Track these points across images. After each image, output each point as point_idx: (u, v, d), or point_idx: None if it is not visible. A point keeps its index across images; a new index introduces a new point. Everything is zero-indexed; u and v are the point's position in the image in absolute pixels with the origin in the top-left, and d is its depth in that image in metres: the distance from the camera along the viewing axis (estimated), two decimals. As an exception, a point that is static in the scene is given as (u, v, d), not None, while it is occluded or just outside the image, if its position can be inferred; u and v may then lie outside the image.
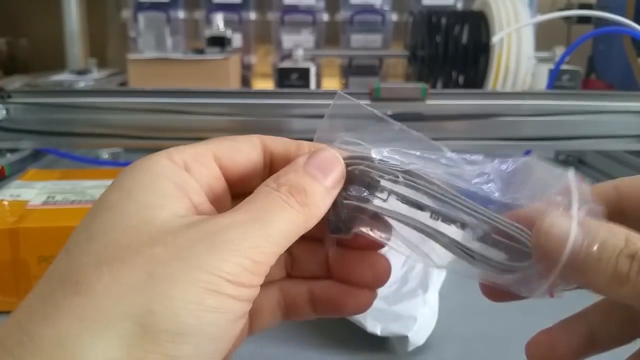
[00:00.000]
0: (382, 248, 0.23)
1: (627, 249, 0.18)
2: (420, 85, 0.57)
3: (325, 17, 1.30)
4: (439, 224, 0.20)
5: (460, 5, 1.28)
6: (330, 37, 1.32)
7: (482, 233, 0.20)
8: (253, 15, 1.30)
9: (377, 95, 0.57)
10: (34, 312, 0.16)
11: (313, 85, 1.08)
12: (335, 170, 0.20)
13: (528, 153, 0.67)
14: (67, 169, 0.54)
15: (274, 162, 0.22)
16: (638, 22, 0.62)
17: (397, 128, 0.22)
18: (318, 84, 1.25)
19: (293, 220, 0.19)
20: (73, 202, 0.42)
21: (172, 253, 0.16)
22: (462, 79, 1.08)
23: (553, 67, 0.89)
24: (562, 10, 1.13)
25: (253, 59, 1.32)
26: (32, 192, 0.44)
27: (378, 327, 0.35)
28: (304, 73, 1.05)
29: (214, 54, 1.05)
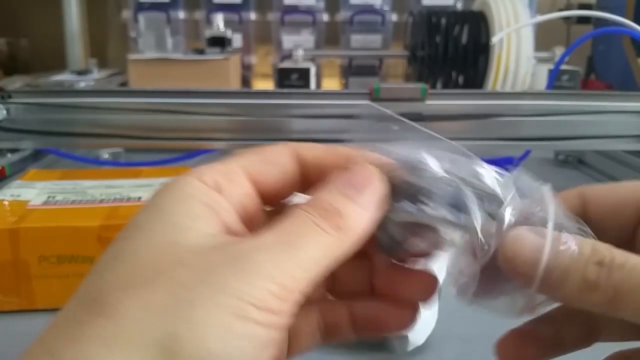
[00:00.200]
0: (427, 256, 0.22)
1: (594, 257, 0.18)
2: (420, 86, 0.57)
3: (325, 17, 1.30)
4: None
5: (460, 6, 1.28)
6: (330, 37, 1.32)
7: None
8: (253, 16, 1.30)
9: (376, 96, 0.57)
10: (60, 332, 0.16)
11: (313, 86, 1.08)
12: (374, 188, 0.19)
13: (528, 153, 0.67)
14: (67, 169, 0.54)
15: (309, 171, 0.21)
16: (637, 22, 0.62)
17: (427, 136, 0.21)
18: (318, 84, 1.25)
19: (326, 245, 0.17)
20: (73, 202, 0.42)
21: (197, 276, 0.16)
22: (461, 79, 1.08)
23: (553, 67, 0.89)
24: (561, 11, 1.13)
25: (253, 59, 1.32)
26: (32, 192, 0.44)
27: (378, 326, 0.35)
28: (304, 73, 1.05)
29: (214, 54, 1.05)
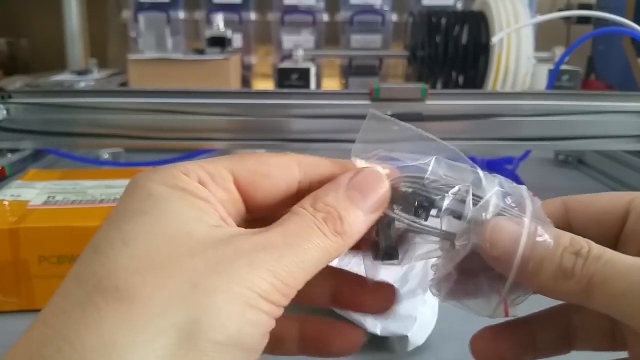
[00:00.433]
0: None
1: (571, 247, 0.19)
2: (420, 86, 0.57)
3: (325, 17, 1.30)
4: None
5: (460, 6, 1.28)
6: (330, 37, 1.32)
7: None
8: (253, 16, 1.30)
9: (376, 96, 0.57)
10: (72, 317, 0.15)
11: (313, 86, 1.08)
12: (378, 193, 0.20)
13: (528, 153, 0.67)
14: (67, 169, 0.54)
15: (312, 188, 0.20)
16: (637, 22, 0.62)
17: (431, 141, 0.22)
18: (318, 84, 1.25)
19: (326, 249, 0.18)
20: (73, 202, 0.42)
21: (212, 266, 0.16)
22: (461, 79, 1.08)
23: (552, 67, 0.89)
24: (561, 11, 1.13)
25: (253, 59, 1.32)
26: (32, 192, 0.44)
27: (378, 326, 0.35)
28: (304, 73, 1.05)
29: (214, 54, 1.05)
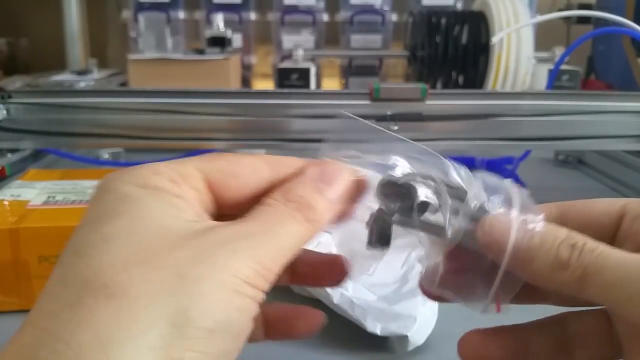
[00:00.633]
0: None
1: (568, 240, 0.19)
2: (420, 86, 0.57)
3: (325, 17, 1.30)
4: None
5: (460, 6, 1.28)
6: (330, 37, 1.32)
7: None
8: (253, 16, 1.30)
9: (376, 96, 0.57)
10: (63, 318, 0.16)
11: (313, 86, 1.08)
12: (342, 183, 0.21)
13: (528, 153, 0.67)
14: (67, 169, 0.54)
15: (278, 185, 0.21)
16: (637, 22, 0.62)
17: (401, 141, 0.22)
18: (318, 84, 1.25)
19: (300, 235, 0.20)
20: (73, 202, 0.42)
21: (196, 256, 0.17)
22: (461, 79, 1.08)
23: (552, 67, 0.89)
24: (561, 11, 1.13)
25: (253, 59, 1.32)
26: (32, 192, 0.44)
27: (378, 326, 0.35)
28: (304, 73, 1.05)
29: (214, 54, 1.05)
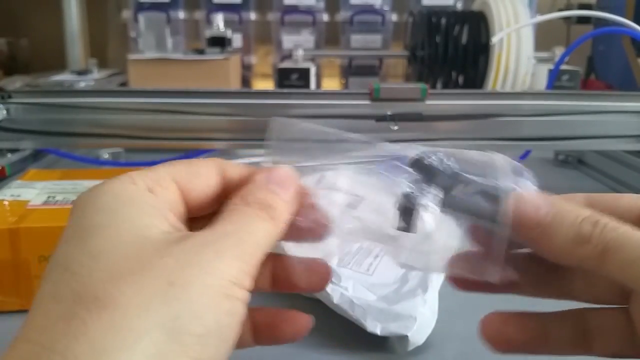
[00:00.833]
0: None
1: (590, 217, 0.20)
2: (420, 86, 0.57)
3: (325, 17, 1.30)
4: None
5: (460, 6, 1.28)
6: (330, 37, 1.32)
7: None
8: (253, 16, 1.30)
9: (376, 96, 0.57)
10: (58, 331, 0.16)
11: (313, 86, 1.08)
12: (291, 185, 0.22)
13: (528, 153, 0.67)
14: (67, 169, 0.54)
15: (231, 186, 0.23)
16: (637, 22, 0.62)
17: (333, 135, 0.24)
18: (318, 84, 1.25)
19: (269, 232, 0.21)
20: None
21: (182, 262, 0.17)
22: (461, 79, 1.08)
23: (553, 67, 0.89)
24: (561, 11, 1.13)
25: (253, 59, 1.32)
26: (32, 192, 0.44)
27: (378, 326, 0.35)
28: (304, 73, 1.05)
29: (214, 54, 1.05)
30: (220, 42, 1.08)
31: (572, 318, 0.24)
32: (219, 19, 1.10)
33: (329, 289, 0.37)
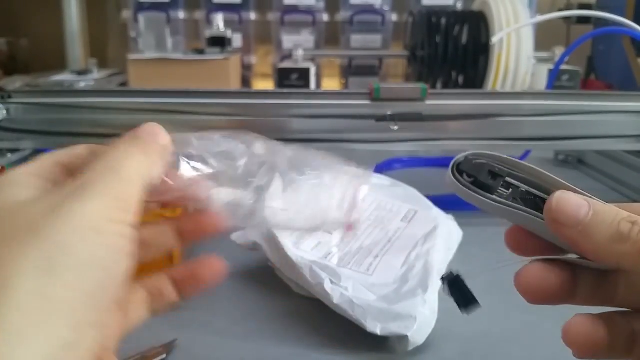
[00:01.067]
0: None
1: (629, 218, 0.21)
2: (420, 86, 0.57)
3: (325, 17, 1.30)
4: None
5: (460, 6, 1.28)
6: (330, 37, 1.32)
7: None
8: (253, 16, 1.30)
9: (377, 96, 0.57)
10: None
11: (313, 86, 1.08)
12: (162, 134, 0.23)
13: (528, 153, 0.67)
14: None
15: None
16: (637, 22, 0.62)
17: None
18: (318, 84, 1.25)
19: (142, 163, 0.21)
20: (74, 202, 0.42)
21: (51, 208, 0.19)
22: (461, 79, 1.08)
23: (552, 67, 0.89)
24: (561, 11, 1.13)
25: (253, 59, 1.32)
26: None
27: (378, 326, 0.35)
28: (304, 73, 1.05)
29: (215, 54, 1.05)
30: (220, 42, 1.08)
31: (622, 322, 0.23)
32: (219, 19, 1.10)
33: (329, 289, 0.37)
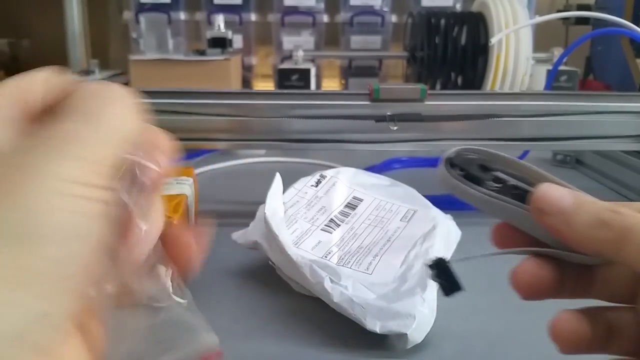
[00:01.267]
0: None
1: (610, 206, 0.21)
2: (420, 86, 0.58)
3: (325, 18, 1.30)
4: None
5: (459, 7, 1.28)
6: (330, 38, 1.32)
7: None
8: (253, 17, 1.30)
9: (376, 96, 0.57)
10: None
11: (313, 86, 1.08)
12: (128, 92, 0.20)
13: (526, 153, 0.67)
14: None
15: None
16: (636, 23, 0.62)
17: None
18: (318, 85, 1.25)
19: (124, 117, 0.19)
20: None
21: (15, 166, 0.16)
22: (460, 80, 1.09)
23: (551, 67, 0.90)
24: (560, 12, 1.14)
25: (254, 60, 1.32)
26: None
27: (377, 325, 0.35)
28: (304, 74, 1.05)
29: (215, 55, 1.05)
30: (221, 42, 1.08)
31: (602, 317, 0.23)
32: (220, 20, 1.11)
33: (329, 288, 0.38)
